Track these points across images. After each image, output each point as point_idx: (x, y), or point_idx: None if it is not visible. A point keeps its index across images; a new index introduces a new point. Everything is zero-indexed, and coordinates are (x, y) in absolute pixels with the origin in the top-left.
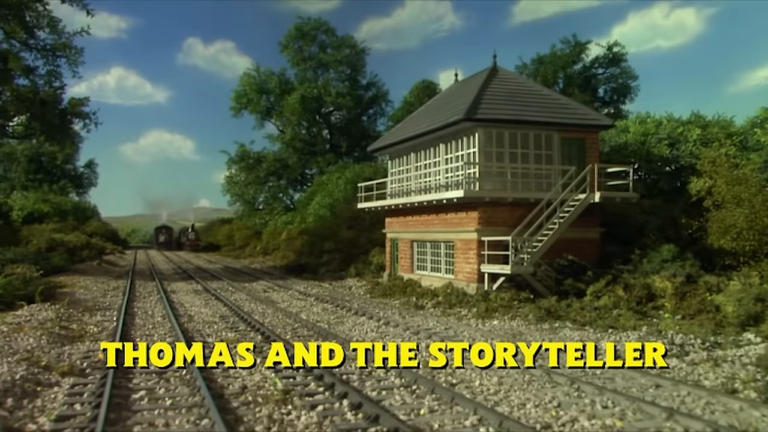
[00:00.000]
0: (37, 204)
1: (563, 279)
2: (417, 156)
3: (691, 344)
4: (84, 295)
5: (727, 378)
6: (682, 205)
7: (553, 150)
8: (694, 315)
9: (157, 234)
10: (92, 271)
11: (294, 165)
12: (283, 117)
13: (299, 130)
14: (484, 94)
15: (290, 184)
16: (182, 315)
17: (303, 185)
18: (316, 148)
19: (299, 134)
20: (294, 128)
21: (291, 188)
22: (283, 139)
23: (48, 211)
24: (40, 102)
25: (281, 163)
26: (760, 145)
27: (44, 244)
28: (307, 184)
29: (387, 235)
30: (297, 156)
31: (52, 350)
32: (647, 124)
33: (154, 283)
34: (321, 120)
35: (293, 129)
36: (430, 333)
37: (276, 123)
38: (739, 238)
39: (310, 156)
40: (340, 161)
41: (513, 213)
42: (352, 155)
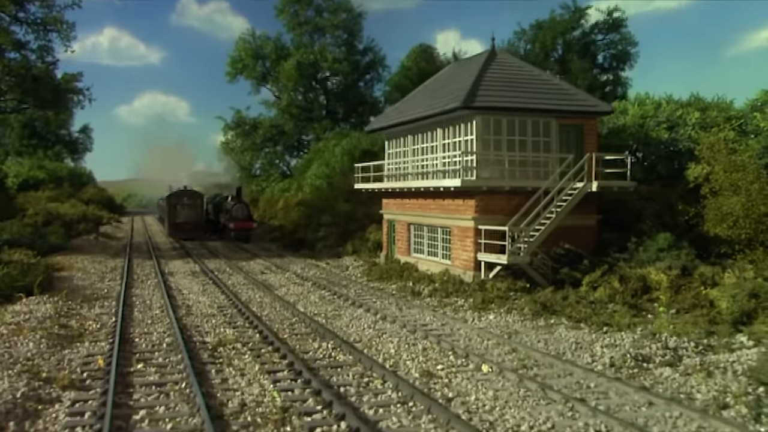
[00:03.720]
0: (32, 171)
1: (559, 268)
2: (414, 139)
3: (684, 347)
4: (82, 281)
5: (719, 391)
6: (680, 191)
7: (551, 137)
8: (689, 309)
9: (173, 207)
10: (89, 248)
11: (290, 131)
12: (279, 83)
13: (295, 96)
14: (482, 79)
15: (287, 151)
16: (180, 306)
17: (300, 151)
18: (313, 114)
19: (295, 100)
20: (290, 94)
21: (287, 154)
22: (279, 105)
23: (43, 178)
24: (32, 78)
25: (277, 130)
26: (759, 130)
27: (41, 218)
28: (304, 151)
29: (384, 216)
30: (293, 122)
31: (52, 356)
32: (646, 106)
33: (151, 262)
34: (317, 86)
35: (289, 95)
36: (426, 331)
37: (272, 89)
38: (735, 226)
39: (307, 122)
40: (337, 128)
41: (510, 201)
42: (349, 121)
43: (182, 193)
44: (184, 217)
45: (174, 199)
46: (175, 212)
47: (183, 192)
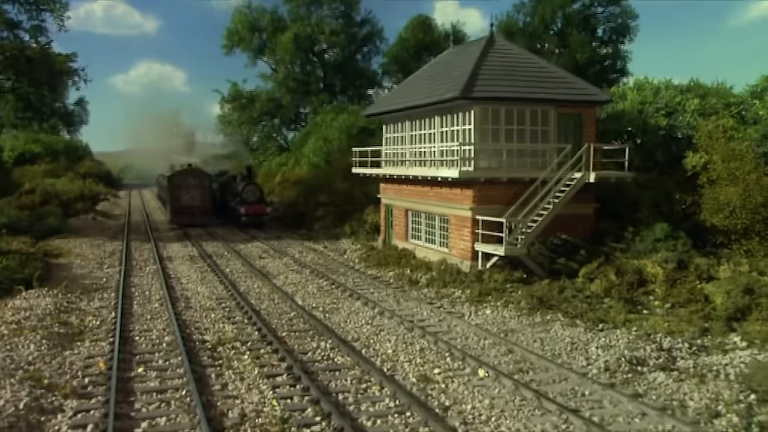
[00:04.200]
0: (27, 144)
1: (556, 258)
2: (412, 125)
3: (678, 348)
4: (81, 269)
5: (711, 399)
6: (677, 179)
7: (550, 126)
8: (684, 304)
9: (176, 189)
10: (87, 230)
11: (288, 105)
12: (276, 55)
13: (292, 69)
14: (480, 68)
15: (284, 124)
16: (179, 298)
17: (297, 125)
18: (310, 88)
19: (292, 73)
20: (287, 67)
21: (285, 128)
22: (277, 78)
23: (39, 152)
24: (26, 59)
25: (275, 103)
26: (758, 119)
27: (38, 198)
28: (301, 124)
29: (382, 200)
30: (290, 95)
31: (54, 359)
32: (645, 91)
33: (149, 245)
34: (314, 59)
35: (286, 68)
36: (424, 328)
37: (269, 62)
38: (732, 216)
39: (304, 95)
40: (334, 101)
41: (508, 191)
42: (346, 94)
43: (187, 172)
44: (190, 201)
45: (177, 179)
46: (178, 195)
47: (188, 171)
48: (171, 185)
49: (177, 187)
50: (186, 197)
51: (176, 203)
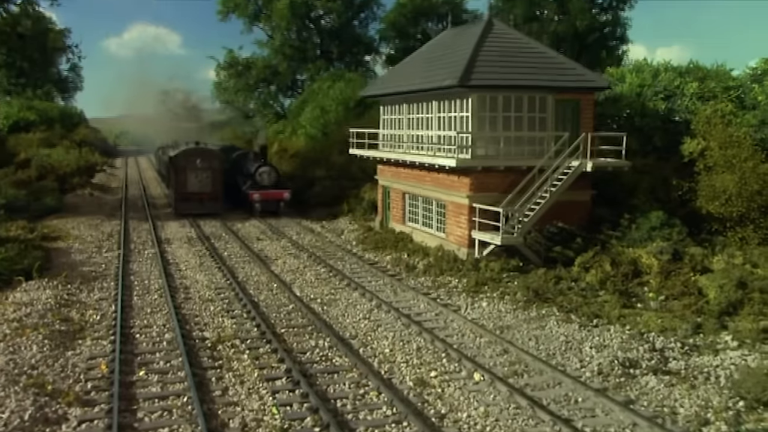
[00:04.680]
0: (22, 112)
1: (552, 246)
2: (410, 108)
3: (671, 348)
4: (80, 253)
5: (700, 406)
6: (674, 165)
7: (547, 112)
8: (678, 296)
9: (181, 172)
10: (84, 207)
11: (284, 72)
12: (272, 22)
13: (289, 35)
14: (478, 54)
15: (281, 91)
16: (178, 288)
17: (294, 92)
18: (307, 55)
19: (289, 40)
20: (283, 34)
21: (282, 95)
22: (273, 45)
23: (34, 119)
24: (17, 36)
25: (271, 70)
26: (757, 104)
27: (34, 173)
28: (298, 91)
29: (379, 181)
30: (287, 62)
31: (56, 361)
32: (644, 73)
33: (147, 225)
34: (311, 25)
35: (282, 35)
36: (421, 324)
37: (265, 28)
38: (727, 203)
39: (301, 62)
40: (331, 68)
41: (505, 179)
42: (343, 60)
43: (194, 152)
44: (198, 186)
45: (183, 160)
46: (183, 179)
47: (195, 151)
48: (175, 167)
49: (182, 169)
50: (193, 182)
51: (181, 189)
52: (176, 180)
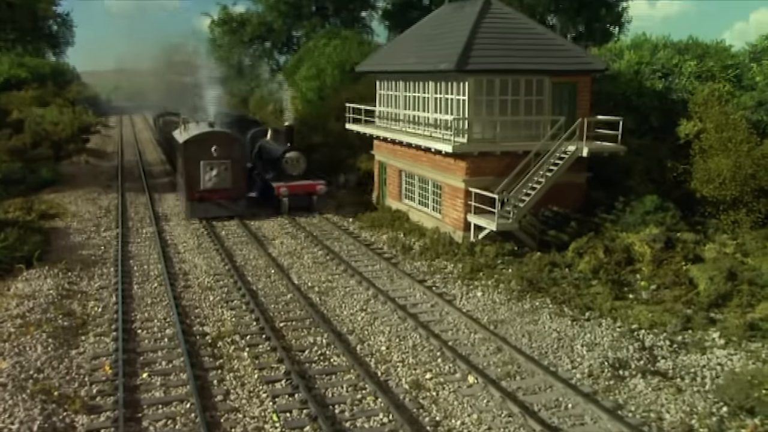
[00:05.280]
0: (13, 69)
1: (547, 230)
2: (406, 85)
3: (660, 346)
4: (78, 234)
5: (686, 412)
6: (670, 146)
7: (544, 95)
8: (669, 286)
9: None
10: (80, 178)
11: (279, 28)
12: None
13: None
14: (475, 36)
15: (276, 48)
16: (177, 274)
17: (289, 49)
18: (302, 11)
19: None
20: None
21: (277, 52)
22: (267, 1)
23: (26, 77)
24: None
25: (266, 27)
26: (755, 85)
27: (29, 139)
28: (294, 48)
29: (375, 156)
30: (282, 19)
31: (61, 363)
32: (642, 50)
33: (144, 198)
34: None
35: None
36: (416, 318)
37: None
38: (721, 187)
39: (296, 19)
40: (327, 24)
41: (501, 162)
42: (339, 17)
43: (208, 138)
44: (216, 182)
45: (194, 148)
46: (196, 174)
47: (210, 136)
48: (185, 158)
49: (194, 161)
50: (210, 176)
51: (194, 187)
52: (187, 175)
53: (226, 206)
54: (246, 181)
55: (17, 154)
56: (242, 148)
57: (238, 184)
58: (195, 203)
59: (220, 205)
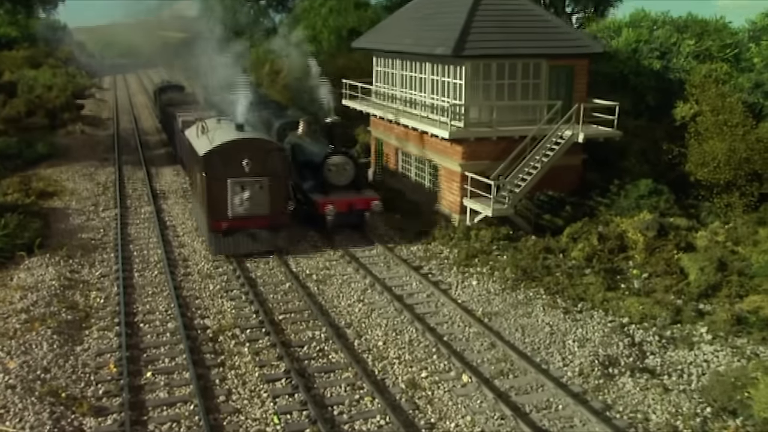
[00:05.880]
0: (3, 27)
1: (542, 214)
2: (403, 64)
3: (649, 341)
4: (78, 215)
5: (671, 413)
6: (666, 127)
7: (541, 78)
8: (660, 274)
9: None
10: (76, 150)
11: None
12: None
13: None
14: (472, 21)
15: (271, 6)
16: (177, 260)
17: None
18: None
19: None
20: None
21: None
22: None
23: (17, 36)
24: None
25: None
26: (753, 66)
27: (23, 108)
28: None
29: (372, 133)
30: None
31: (67, 361)
32: (641, 28)
33: (141, 173)
34: None
35: None
36: (413, 310)
37: None
38: (716, 170)
39: None
40: None
41: (497, 146)
42: None
43: (239, 146)
44: (249, 207)
45: (219, 162)
46: (222, 196)
47: (241, 144)
48: (208, 173)
49: (221, 178)
50: (242, 199)
51: (221, 212)
52: (209, 197)
53: (263, 238)
54: (288, 198)
55: (11, 123)
56: (284, 160)
57: (278, 209)
58: (220, 236)
59: (254, 238)
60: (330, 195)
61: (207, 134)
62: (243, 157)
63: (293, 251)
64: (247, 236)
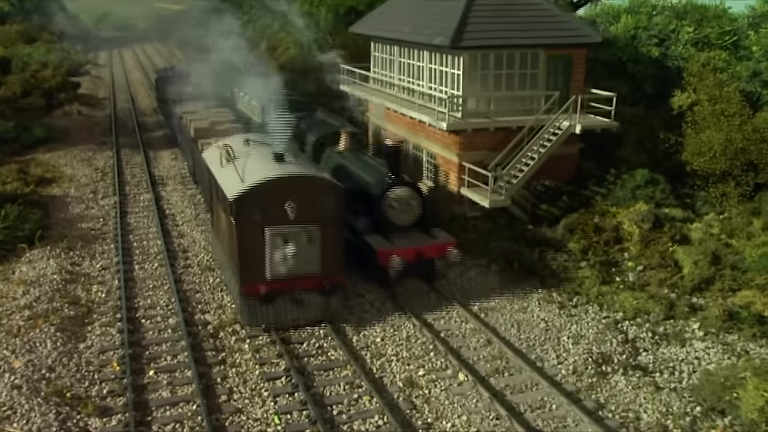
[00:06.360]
0: None
1: (539, 203)
2: (401, 51)
3: (642, 338)
4: (77, 203)
5: (662, 413)
6: (663, 116)
7: (539, 68)
8: (655, 267)
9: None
10: (74, 132)
11: None
12: None
13: None
14: (470, 10)
15: None
16: (177, 252)
17: None
18: None
19: None
20: None
21: None
22: None
23: (9, 10)
24: None
25: None
26: (751, 55)
27: (19, 88)
28: None
29: (370, 119)
30: None
31: (71, 360)
32: (640, 14)
33: (140, 157)
34: None
35: None
36: None
37: None
38: (712, 160)
39: None
40: None
41: (495, 136)
42: None
43: (281, 186)
44: (296, 264)
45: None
46: (259, 248)
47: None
48: (240, 221)
49: (256, 227)
50: (285, 255)
51: (257, 271)
52: (240, 251)
53: (313, 304)
54: (344, 256)
55: (7, 104)
56: (339, 201)
57: (331, 264)
58: (257, 302)
59: (300, 303)
60: (391, 238)
61: (234, 164)
62: (286, 200)
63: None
64: (291, 302)
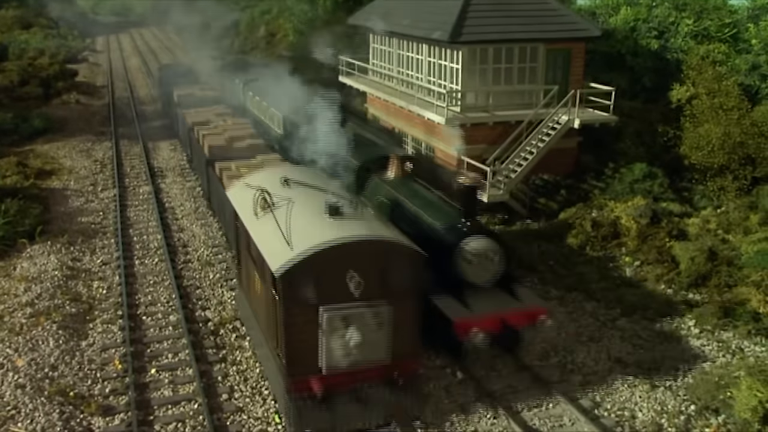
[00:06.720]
0: None
1: (538, 197)
2: (399, 43)
3: (639, 335)
4: (77, 196)
5: (657, 412)
6: (662, 109)
7: (538, 62)
8: (652, 262)
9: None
10: (72, 122)
11: None
12: None
13: None
14: (469, 5)
15: None
16: (177, 247)
17: None
18: None
19: None
20: None
21: None
22: None
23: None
24: None
25: None
26: (750, 48)
27: (16, 77)
28: None
29: (369, 110)
30: None
31: (73, 358)
32: (639, 6)
33: (139, 148)
34: None
35: None
36: None
37: None
38: (710, 154)
39: None
40: None
41: (493, 130)
42: None
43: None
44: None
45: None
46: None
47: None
48: (288, 299)
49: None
50: (345, 342)
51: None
52: (288, 336)
53: (381, 401)
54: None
55: (5, 93)
56: (417, 270)
57: (405, 350)
58: (308, 403)
59: (365, 402)
60: (467, 301)
61: (275, 216)
62: (348, 271)
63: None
64: (352, 401)
